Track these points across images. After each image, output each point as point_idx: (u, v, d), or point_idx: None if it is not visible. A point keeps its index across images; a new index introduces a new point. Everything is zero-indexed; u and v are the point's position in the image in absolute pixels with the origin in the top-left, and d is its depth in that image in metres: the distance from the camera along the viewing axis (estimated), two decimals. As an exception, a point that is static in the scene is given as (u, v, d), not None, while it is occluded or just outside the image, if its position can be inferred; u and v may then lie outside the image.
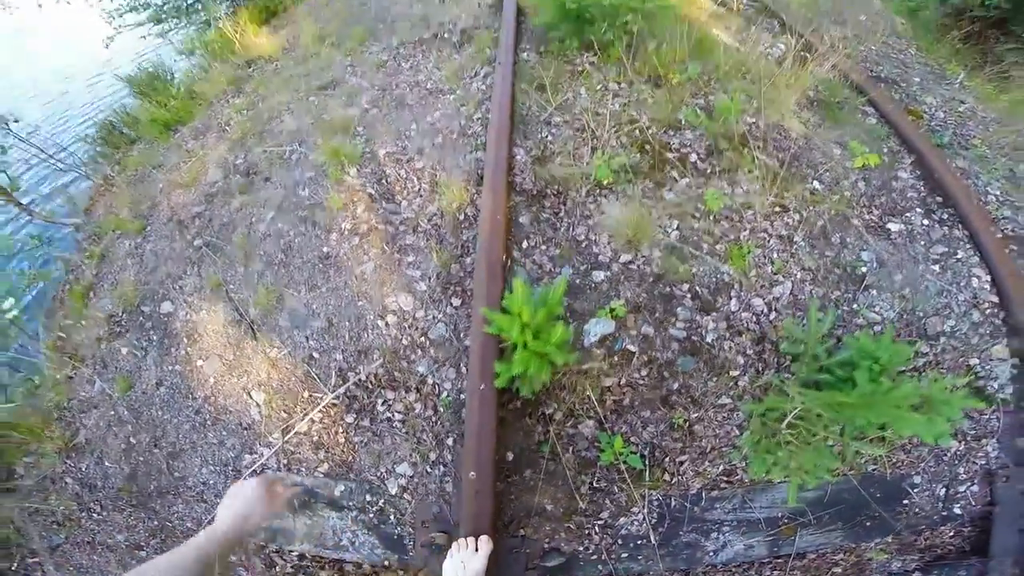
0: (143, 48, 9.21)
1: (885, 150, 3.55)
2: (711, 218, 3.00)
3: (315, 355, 2.83)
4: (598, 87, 3.68)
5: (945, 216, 3.11)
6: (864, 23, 6.09)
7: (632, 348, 2.60)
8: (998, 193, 3.32)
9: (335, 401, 2.69)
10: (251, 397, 2.82)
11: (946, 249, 2.94)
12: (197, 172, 4.13)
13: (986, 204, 3.23)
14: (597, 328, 2.65)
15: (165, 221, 3.89)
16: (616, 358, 2.59)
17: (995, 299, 2.71)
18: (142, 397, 3.02)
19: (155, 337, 3.21)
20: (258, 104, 4.62)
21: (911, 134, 3.54)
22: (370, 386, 2.70)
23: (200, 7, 8.30)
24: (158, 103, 5.62)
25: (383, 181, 3.41)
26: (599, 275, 2.84)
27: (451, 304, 2.85)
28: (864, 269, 2.84)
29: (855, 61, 4.71)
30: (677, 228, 2.95)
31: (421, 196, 3.27)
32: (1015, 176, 3.54)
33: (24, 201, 5.38)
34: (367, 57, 4.67)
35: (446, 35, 4.69)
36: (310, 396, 2.75)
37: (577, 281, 2.84)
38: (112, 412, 3.02)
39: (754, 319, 2.69)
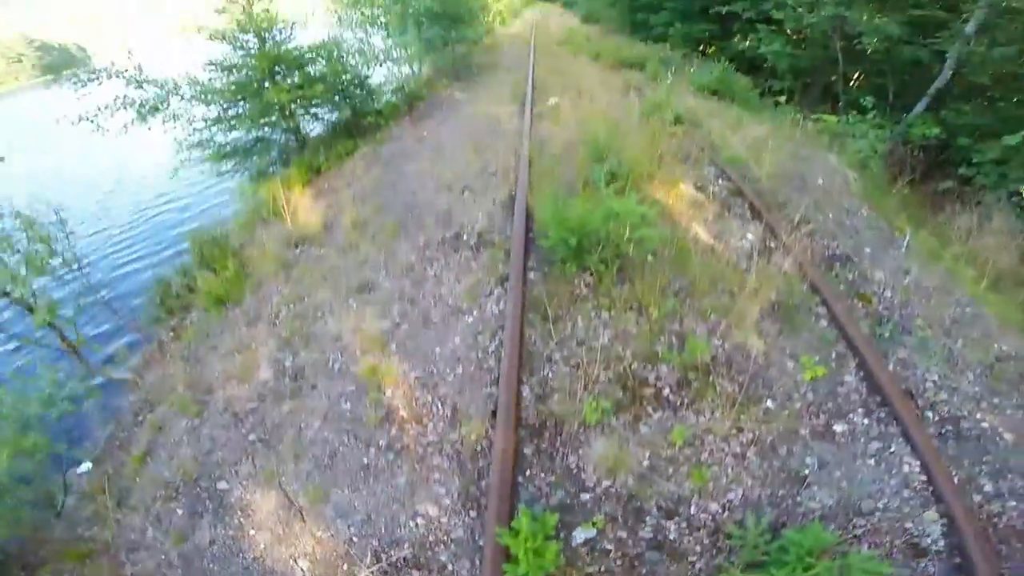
0: (204, 181, 10.57)
1: (833, 355, 4.12)
2: (677, 448, 3.60)
3: (355, 539, 3.39)
4: (592, 314, 4.40)
5: (882, 415, 3.64)
6: (822, 186, 6.94)
7: (609, 547, 3.18)
8: (936, 379, 3.86)
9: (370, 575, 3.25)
10: (297, 564, 3.38)
11: (881, 445, 3.46)
12: (250, 366, 4.86)
13: (924, 393, 3.78)
14: (582, 535, 3.25)
15: (221, 411, 4.59)
16: (596, 554, 3.16)
17: (924, 478, 3.22)
18: (194, 550, 3.62)
19: (211, 506, 3.85)
20: (304, 298, 5.42)
21: (856, 338, 4.10)
22: (400, 566, 3.24)
23: (260, 147, 9.37)
24: (214, 271, 6.44)
25: (413, 404, 4.08)
26: (585, 496, 3.42)
27: (469, 515, 3.44)
28: (807, 471, 3.36)
29: (813, 240, 5.48)
30: (649, 458, 3.55)
31: (444, 421, 3.91)
32: (952, 356, 4.10)
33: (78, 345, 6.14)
34: (398, 258, 5.49)
35: (465, 236, 5.52)
36: (349, 569, 3.29)
37: (568, 501, 3.42)
38: (163, 557, 3.65)
39: (710, 518, 3.22)
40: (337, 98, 9.64)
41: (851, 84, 13.40)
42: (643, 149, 6.81)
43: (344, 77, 9.54)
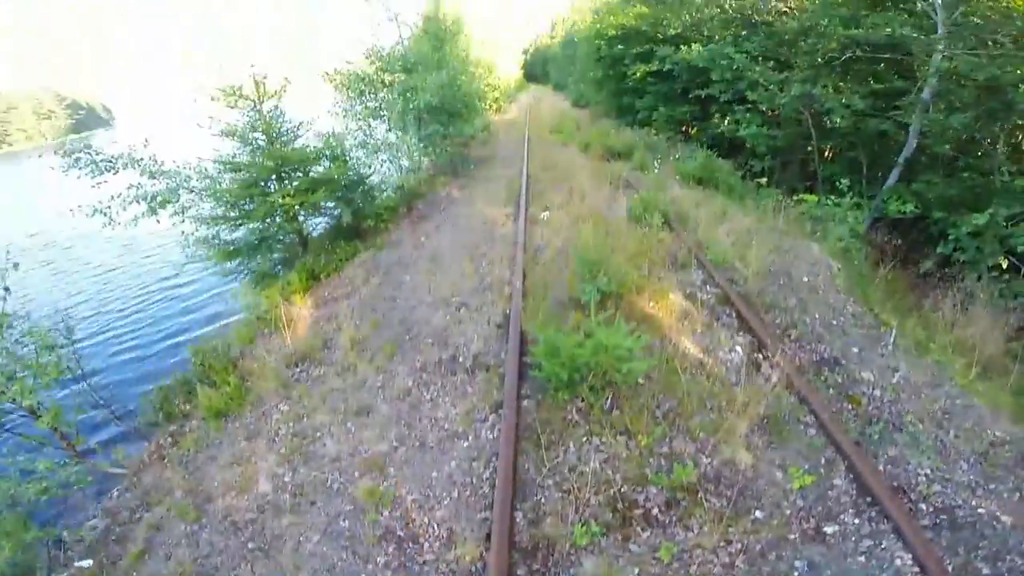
0: (210, 279, 10.97)
1: (822, 461, 4.22)
2: (666, 563, 3.62)
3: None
4: (583, 440, 4.52)
5: (873, 513, 3.71)
6: (807, 282, 7.15)
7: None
8: (928, 472, 3.96)
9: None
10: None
11: (872, 542, 3.51)
12: (250, 479, 4.98)
13: (916, 487, 3.87)
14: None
15: (220, 518, 4.69)
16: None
17: (916, 569, 3.25)
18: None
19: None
20: (304, 418, 5.55)
21: (844, 444, 4.21)
22: None
23: (264, 247, 9.65)
24: (214, 384, 6.59)
25: (410, 525, 4.15)
26: (576, 619, 3.47)
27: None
28: (796, 574, 3.40)
29: (801, 346, 5.67)
30: (638, 575, 3.59)
31: (441, 542, 3.97)
32: (944, 447, 4.22)
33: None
34: (396, 381, 5.66)
35: (461, 359, 5.72)
36: None
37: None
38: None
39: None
40: (340, 197, 9.98)
41: (826, 158, 14.00)
42: (632, 256, 7.17)
43: (347, 176, 9.97)
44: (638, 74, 20.24)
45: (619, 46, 21.68)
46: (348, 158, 10.42)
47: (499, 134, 22.46)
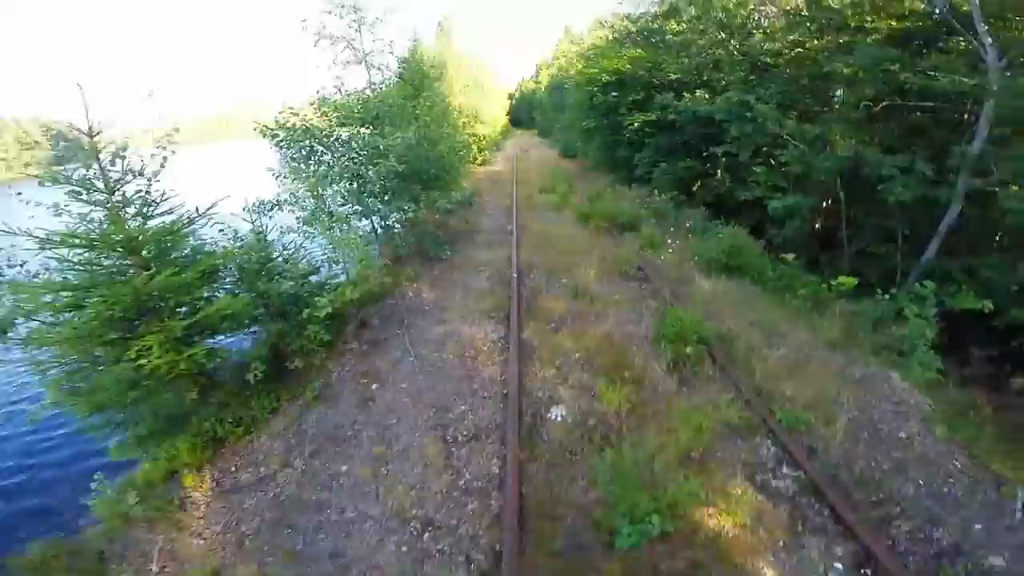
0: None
1: None
2: None
3: None
4: None
5: None
6: (898, 434, 5.42)
7: None
8: None
9: None
10: None
11: None
12: None
13: None
14: None
15: None
16: None
17: None
18: None
19: None
20: None
21: None
22: None
23: (144, 395, 6.75)
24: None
25: None
26: None
27: None
28: None
29: (911, 539, 4.22)
30: None
31: None
32: None
33: None
34: None
35: None
36: None
37: None
38: None
39: None
40: (260, 313, 7.18)
41: (852, 222, 11.78)
42: (683, 446, 4.82)
43: (267, 287, 6.85)
44: (635, 124, 18.15)
45: (613, 93, 19.66)
46: (279, 256, 7.58)
47: (483, 193, 19.90)
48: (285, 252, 7.91)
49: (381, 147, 9.72)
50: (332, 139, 10.07)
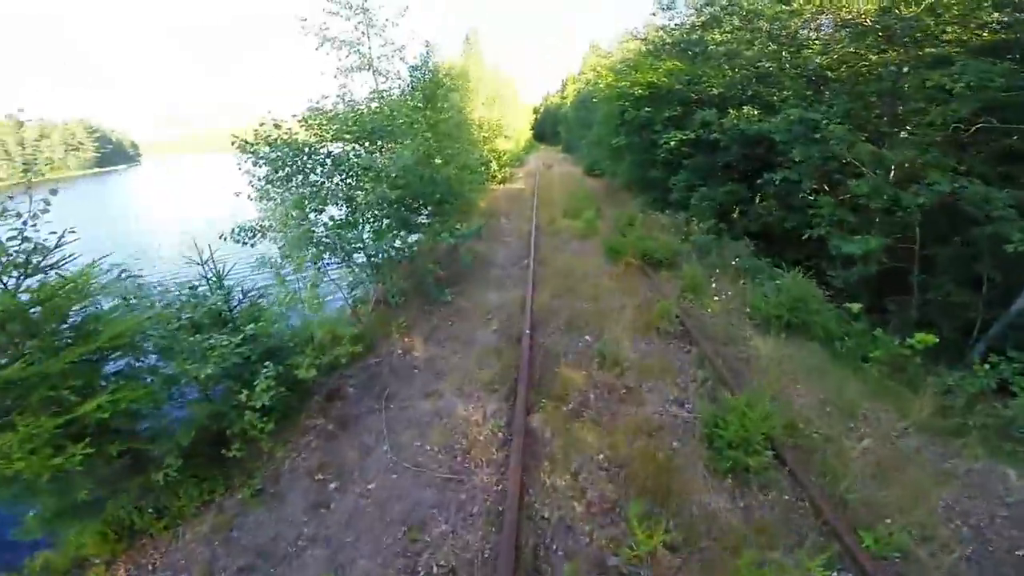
0: None
1: None
2: None
3: None
4: None
5: None
6: None
7: None
8: None
9: None
10: None
11: None
12: None
13: None
14: None
15: None
16: None
17: None
18: None
19: None
20: None
21: None
22: None
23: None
24: None
25: None
26: None
27: None
28: None
29: None
30: None
31: None
32: None
33: None
34: None
35: None
36: None
37: None
38: None
39: None
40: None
41: (931, 267, 9.81)
42: None
43: (186, 368, 4.99)
44: (672, 143, 16.27)
45: (647, 108, 17.80)
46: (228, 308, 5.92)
47: (500, 215, 18.16)
48: (244, 301, 6.30)
49: (373, 168, 8.06)
50: (313, 158, 8.26)
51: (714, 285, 9.64)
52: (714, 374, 6.62)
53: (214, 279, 6.04)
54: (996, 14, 10.38)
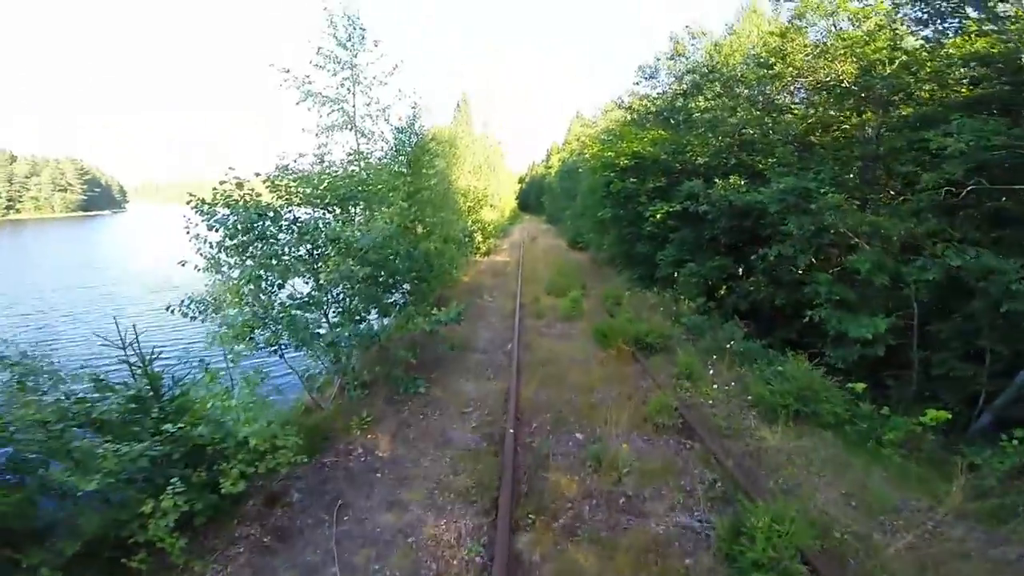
0: None
1: None
2: None
3: None
4: None
5: None
6: None
7: None
8: None
9: None
10: None
11: None
12: None
13: None
14: None
15: None
16: None
17: None
18: None
19: None
20: None
21: None
22: None
23: None
24: None
25: None
26: None
27: None
28: None
29: None
30: None
31: None
32: None
33: None
34: None
35: None
36: None
37: None
38: None
39: None
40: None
41: (931, 342, 9.23)
42: None
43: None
44: (657, 215, 15.88)
45: (632, 179, 17.51)
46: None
47: (483, 291, 17.39)
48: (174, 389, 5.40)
49: (341, 240, 7.30)
50: (276, 223, 7.35)
51: (711, 371, 8.87)
52: (723, 474, 5.83)
53: (138, 365, 5.14)
54: (963, 69, 10.35)
